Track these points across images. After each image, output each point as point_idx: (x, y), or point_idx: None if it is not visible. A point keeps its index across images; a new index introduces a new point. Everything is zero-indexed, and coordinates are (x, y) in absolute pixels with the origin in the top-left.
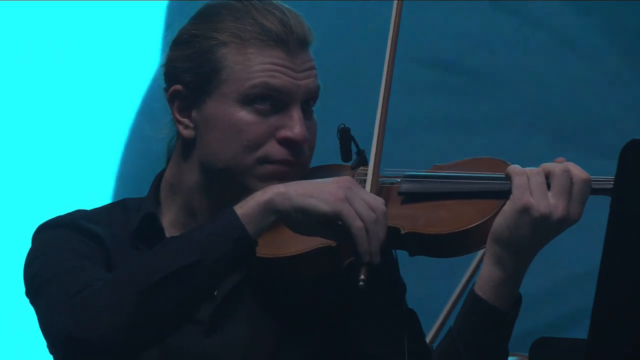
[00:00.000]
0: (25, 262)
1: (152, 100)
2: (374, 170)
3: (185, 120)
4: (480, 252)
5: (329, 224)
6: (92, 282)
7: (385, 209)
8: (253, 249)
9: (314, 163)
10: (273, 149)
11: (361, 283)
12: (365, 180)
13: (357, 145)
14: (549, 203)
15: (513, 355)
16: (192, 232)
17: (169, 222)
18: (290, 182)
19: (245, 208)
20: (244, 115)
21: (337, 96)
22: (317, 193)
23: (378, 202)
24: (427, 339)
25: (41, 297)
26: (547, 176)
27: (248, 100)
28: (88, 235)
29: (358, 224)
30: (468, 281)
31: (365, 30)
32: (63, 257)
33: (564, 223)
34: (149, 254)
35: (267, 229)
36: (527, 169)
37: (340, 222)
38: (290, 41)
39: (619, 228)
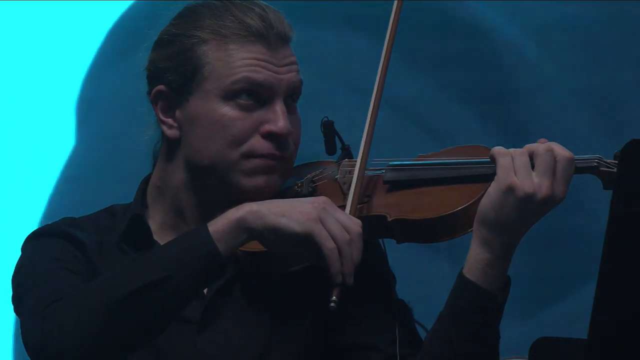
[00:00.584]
0: (13, 272)
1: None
2: (359, 170)
3: (169, 120)
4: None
5: (302, 243)
6: (64, 295)
7: (361, 231)
8: (223, 267)
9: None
10: (257, 143)
11: (332, 304)
12: (350, 172)
13: (341, 140)
14: (533, 182)
15: (513, 358)
16: (164, 247)
17: (158, 224)
18: (264, 201)
19: (217, 225)
20: (227, 110)
21: (328, 93)
22: (290, 212)
23: (353, 223)
24: None
25: (21, 308)
26: (531, 156)
27: (230, 95)
28: (72, 242)
29: (330, 244)
30: None
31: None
32: (43, 267)
33: (549, 202)
34: (120, 268)
35: (239, 246)
36: (512, 149)
37: (312, 243)
38: (270, 36)
39: (620, 227)
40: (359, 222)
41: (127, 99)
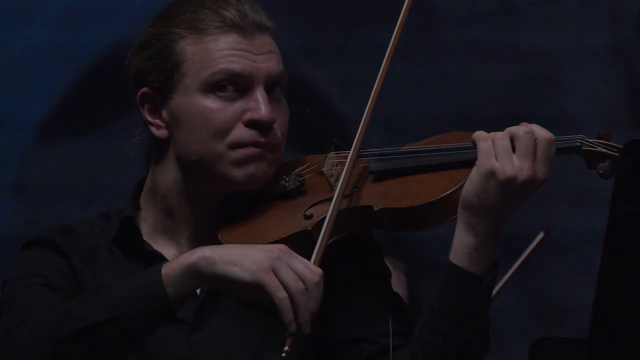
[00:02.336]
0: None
1: None
2: (347, 169)
3: (157, 121)
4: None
5: (253, 292)
6: (28, 319)
7: (319, 279)
8: (172, 311)
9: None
10: (242, 132)
11: (283, 355)
12: (336, 164)
13: (331, 135)
14: (514, 165)
15: None
16: (118, 285)
17: (150, 227)
18: (220, 246)
19: (169, 268)
20: (209, 103)
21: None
22: (241, 261)
23: (310, 272)
24: None
25: None
26: (512, 139)
27: (210, 88)
28: (60, 253)
29: (280, 294)
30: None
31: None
32: (23, 284)
33: (530, 184)
34: (77, 300)
35: (190, 291)
36: (492, 133)
37: (263, 292)
38: (245, 25)
39: (619, 227)
40: (318, 271)
41: None
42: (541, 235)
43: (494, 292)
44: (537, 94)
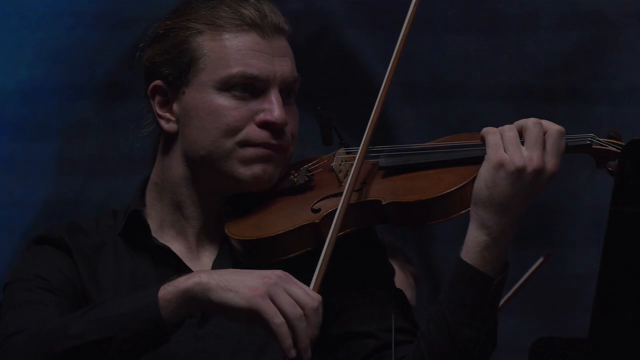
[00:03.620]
0: (8, 279)
1: None
2: (357, 164)
3: (167, 115)
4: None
5: (249, 318)
6: (25, 327)
7: (317, 305)
8: (167, 334)
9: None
10: (253, 132)
11: None
12: (345, 160)
13: (339, 135)
14: (523, 156)
15: None
16: (115, 304)
17: (157, 223)
18: (217, 271)
19: (165, 291)
20: (223, 100)
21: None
22: (237, 287)
23: (309, 297)
24: None
25: None
26: (520, 132)
27: (226, 86)
28: (65, 251)
29: (277, 320)
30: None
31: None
32: (25, 287)
33: (540, 175)
34: (75, 315)
35: (186, 315)
36: (501, 127)
37: (259, 318)
38: (264, 25)
39: (620, 227)
40: (317, 296)
41: None
42: (540, 260)
43: None
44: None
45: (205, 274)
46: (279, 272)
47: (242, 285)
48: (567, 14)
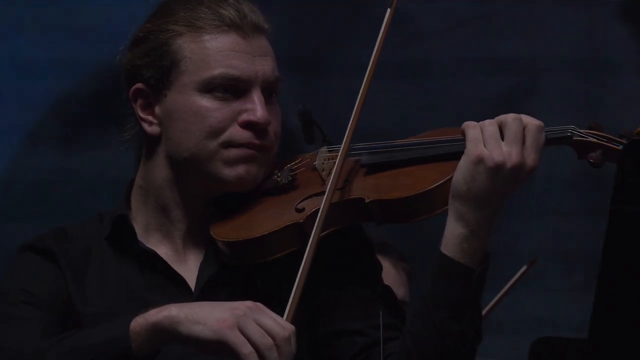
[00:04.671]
0: None
1: None
2: (339, 160)
3: (149, 117)
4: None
5: (218, 350)
6: (1, 349)
7: (289, 335)
8: None
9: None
10: (237, 132)
11: None
12: (328, 159)
13: (322, 132)
14: (503, 151)
15: None
16: (89, 333)
17: (142, 226)
18: (188, 304)
19: (136, 323)
20: (205, 102)
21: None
22: (205, 319)
23: (280, 327)
24: None
25: None
26: (501, 127)
27: (208, 88)
28: (51, 259)
29: (245, 350)
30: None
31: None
32: (9, 300)
33: (519, 170)
34: (50, 342)
35: (157, 347)
36: (481, 122)
37: (228, 349)
38: (244, 25)
39: (620, 227)
40: (289, 327)
41: None
42: (524, 268)
43: None
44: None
45: (175, 308)
46: (248, 303)
47: (211, 318)
48: (491, 61)
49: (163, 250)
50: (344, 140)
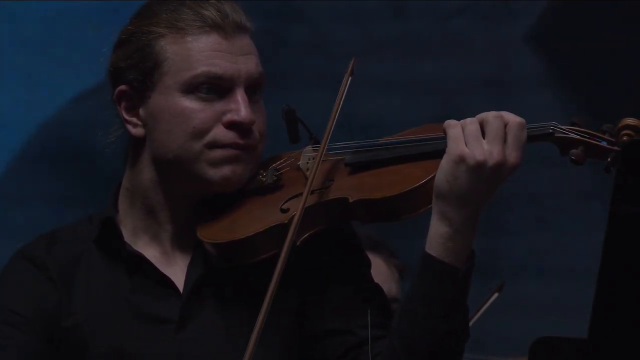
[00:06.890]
0: None
1: None
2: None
3: (134, 119)
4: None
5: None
6: None
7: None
8: None
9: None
10: (221, 133)
11: None
12: (312, 158)
13: (307, 129)
14: (484, 150)
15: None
16: None
17: (129, 229)
18: None
19: None
20: (189, 103)
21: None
22: None
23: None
24: None
25: None
26: (482, 125)
27: (191, 88)
28: (40, 268)
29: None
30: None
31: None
32: None
33: (501, 169)
34: None
35: None
36: (463, 120)
37: None
38: (226, 25)
39: (620, 227)
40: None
41: None
42: (495, 295)
43: None
44: None
45: None
46: None
47: None
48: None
49: (151, 253)
50: (323, 140)
